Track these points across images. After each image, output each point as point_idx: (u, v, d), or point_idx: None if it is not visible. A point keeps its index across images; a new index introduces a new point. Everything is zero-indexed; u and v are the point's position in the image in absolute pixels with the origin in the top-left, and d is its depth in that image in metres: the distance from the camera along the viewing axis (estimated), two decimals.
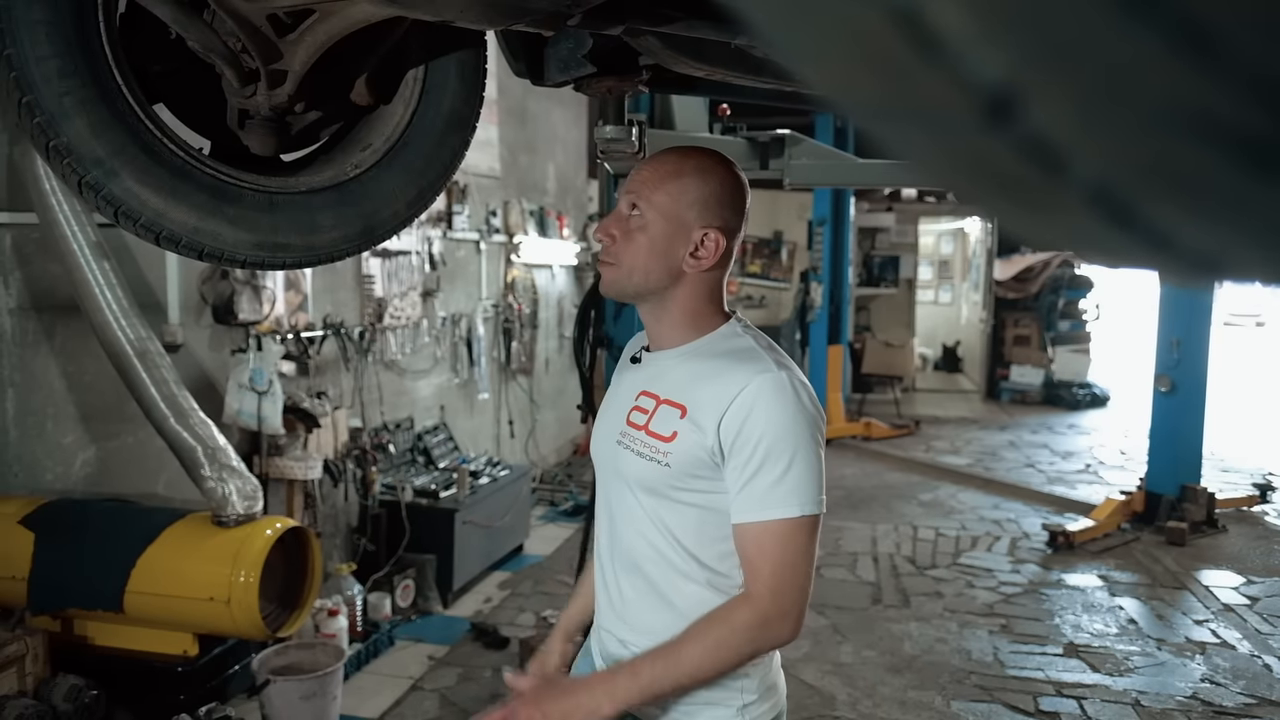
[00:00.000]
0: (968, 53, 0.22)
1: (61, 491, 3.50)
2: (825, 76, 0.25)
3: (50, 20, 1.38)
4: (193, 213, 1.50)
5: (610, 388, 1.69)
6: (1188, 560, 5.64)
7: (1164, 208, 0.25)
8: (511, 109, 6.82)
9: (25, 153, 3.17)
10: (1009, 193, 0.27)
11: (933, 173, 0.28)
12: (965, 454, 8.78)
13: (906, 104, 0.25)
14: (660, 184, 1.49)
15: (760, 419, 1.38)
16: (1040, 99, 0.22)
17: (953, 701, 3.85)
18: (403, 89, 1.78)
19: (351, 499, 4.79)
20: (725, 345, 1.49)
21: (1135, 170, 0.24)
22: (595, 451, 1.64)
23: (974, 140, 0.25)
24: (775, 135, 3.49)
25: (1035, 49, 0.21)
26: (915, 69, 0.23)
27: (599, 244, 1.53)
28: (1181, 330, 6.32)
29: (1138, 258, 0.30)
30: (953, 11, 0.21)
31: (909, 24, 0.22)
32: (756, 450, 1.37)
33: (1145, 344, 6.80)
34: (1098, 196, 0.25)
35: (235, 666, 3.50)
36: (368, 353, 4.97)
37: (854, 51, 0.24)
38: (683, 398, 1.46)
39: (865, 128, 0.27)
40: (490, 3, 1.35)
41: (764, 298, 10.82)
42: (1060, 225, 0.28)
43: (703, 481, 1.44)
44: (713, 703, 1.48)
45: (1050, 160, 0.24)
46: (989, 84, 0.22)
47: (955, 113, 0.24)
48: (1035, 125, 0.23)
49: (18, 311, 3.38)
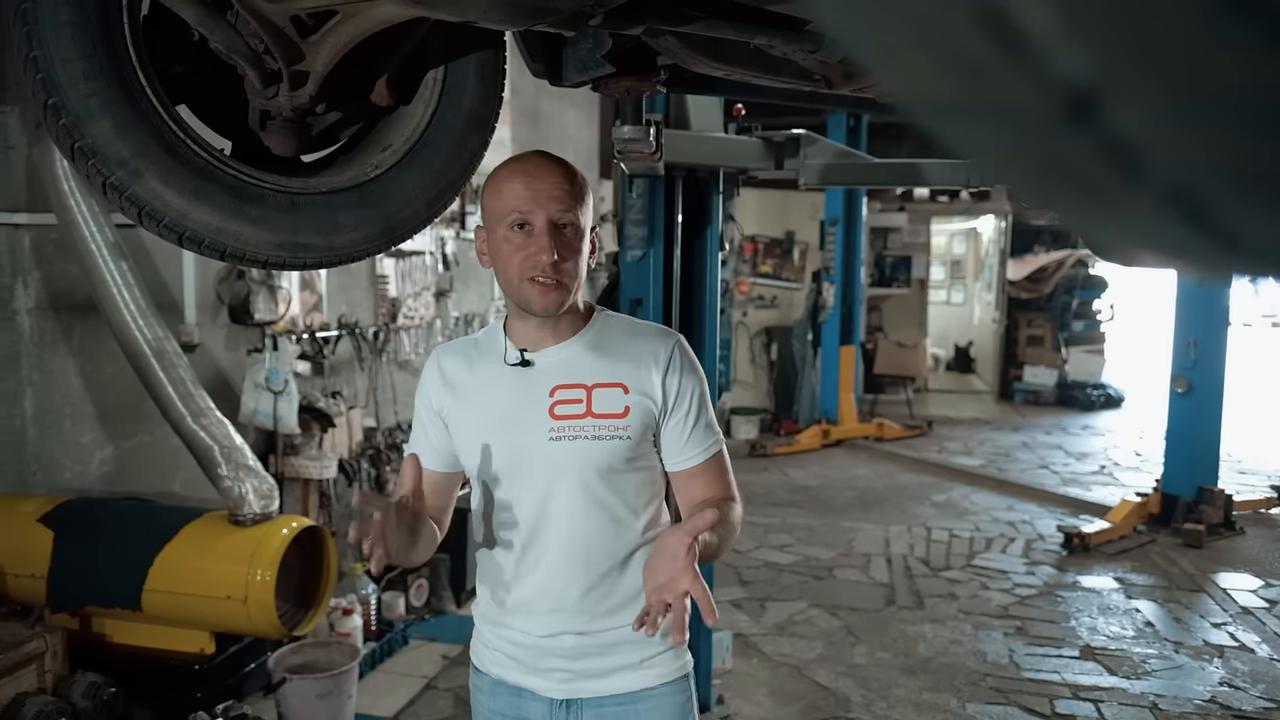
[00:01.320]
0: (1052, 51, 0.22)
1: (79, 490, 3.52)
2: (900, 76, 0.25)
3: (76, 22, 1.38)
4: (215, 213, 1.50)
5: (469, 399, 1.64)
6: (1205, 563, 5.61)
7: (1239, 207, 0.24)
8: (524, 109, 6.83)
9: (44, 154, 3.19)
10: (1082, 193, 0.27)
11: (1003, 173, 0.27)
12: (978, 455, 8.75)
13: (983, 103, 0.25)
14: (579, 196, 1.57)
15: (690, 377, 1.62)
16: (1124, 99, 0.22)
17: (968, 704, 3.84)
18: (423, 89, 1.79)
19: None
20: (615, 324, 1.68)
21: (1214, 170, 0.24)
22: (508, 459, 1.59)
23: (1050, 140, 0.24)
24: (790, 135, 3.49)
25: (1125, 49, 0.21)
26: (996, 68, 0.23)
27: (544, 267, 1.51)
28: (1199, 331, 6.28)
29: (1206, 258, 0.30)
30: (1040, 10, 0.21)
31: (994, 22, 0.22)
32: (692, 399, 1.62)
33: (1161, 345, 6.77)
34: (1174, 197, 0.25)
35: (251, 665, 3.51)
36: (382, 353, 4.99)
37: (934, 50, 0.24)
38: (617, 377, 1.59)
39: (933, 128, 0.27)
40: (513, 3, 1.35)
41: (776, 298, 10.80)
42: (1131, 226, 0.28)
43: (646, 444, 1.61)
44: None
45: (1128, 160, 0.24)
46: (1072, 83, 0.22)
47: (1034, 112, 0.23)
48: (1115, 125, 0.23)
49: (36, 311, 3.40)
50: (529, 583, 1.62)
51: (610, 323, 1.67)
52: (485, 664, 1.72)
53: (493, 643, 1.69)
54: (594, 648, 1.61)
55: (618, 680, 1.62)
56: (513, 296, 1.59)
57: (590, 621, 1.60)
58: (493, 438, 1.61)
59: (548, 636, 1.61)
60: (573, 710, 1.63)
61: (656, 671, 1.64)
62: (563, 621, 1.60)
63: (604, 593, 1.60)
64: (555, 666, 1.62)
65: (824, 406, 9.35)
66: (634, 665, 1.63)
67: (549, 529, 1.59)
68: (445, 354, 1.72)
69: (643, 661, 1.63)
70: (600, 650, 1.61)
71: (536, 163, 1.59)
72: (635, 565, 1.60)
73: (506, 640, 1.66)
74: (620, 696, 1.62)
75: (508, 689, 1.68)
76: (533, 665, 1.64)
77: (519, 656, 1.65)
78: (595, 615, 1.60)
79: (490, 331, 1.70)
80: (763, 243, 10.64)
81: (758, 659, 4.26)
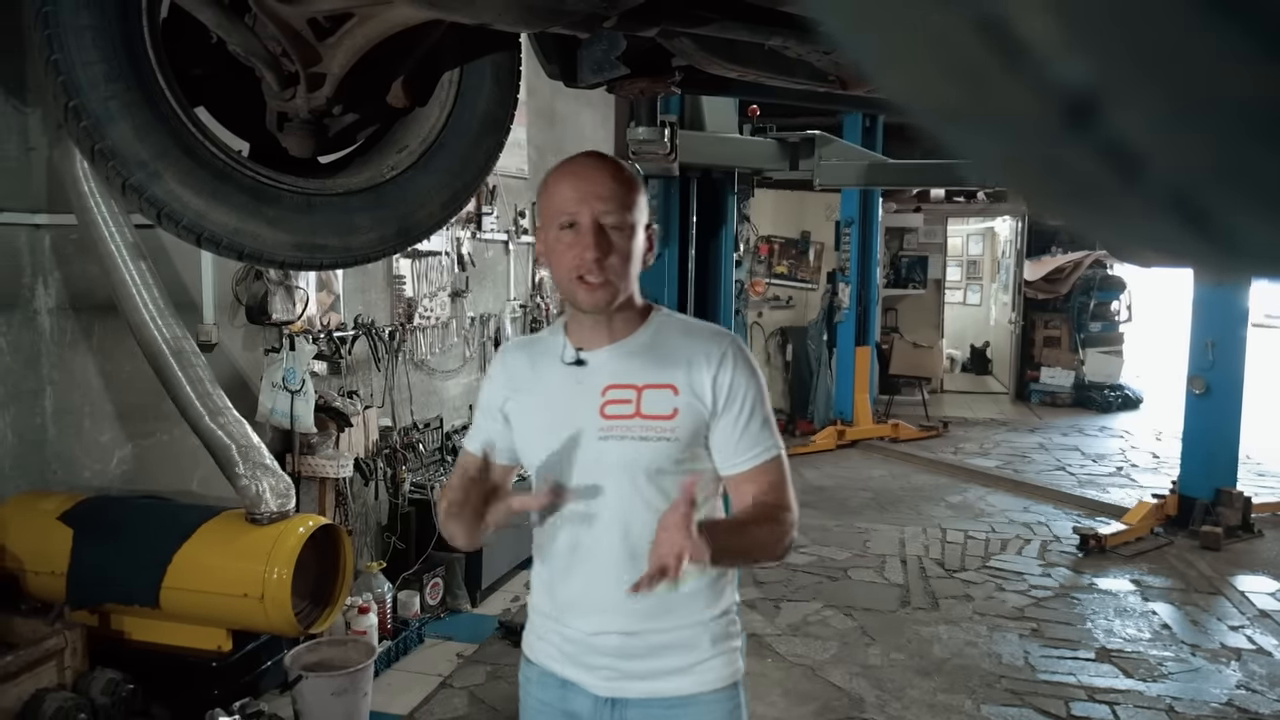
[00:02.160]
0: (1052, 59, 0.22)
1: (99, 489, 3.56)
2: (902, 82, 0.26)
3: (96, 26, 1.40)
4: (233, 214, 1.52)
5: (528, 397, 1.67)
6: (1223, 565, 5.57)
7: (1240, 211, 0.25)
8: (540, 110, 6.84)
9: (65, 155, 3.22)
10: (1084, 198, 0.27)
11: (1006, 177, 0.28)
12: (994, 456, 8.71)
13: (984, 109, 0.25)
14: (627, 195, 1.56)
15: (742, 376, 1.59)
16: (1122, 104, 0.23)
17: (983, 705, 3.83)
18: (438, 91, 1.80)
19: (382, 497, 4.82)
20: (672, 324, 1.66)
21: (1214, 174, 0.24)
22: (562, 459, 1.60)
23: (1050, 146, 0.25)
24: (805, 136, 3.49)
25: (1121, 54, 0.22)
26: (996, 75, 0.23)
27: (590, 265, 1.52)
28: (1216, 331, 6.23)
29: (1210, 261, 0.30)
30: (1039, 18, 0.21)
31: (993, 31, 0.22)
32: (745, 402, 1.59)
33: (1179, 346, 6.72)
34: (1175, 201, 0.25)
35: (268, 662, 3.53)
36: (398, 353, 5.01)
37: (935, 57, 0.24)
38: (668, 379, 1.58)
39: (938, 133, 0.28)
40: (528, 5, 1.36)
41: (791, 298, 10.78)
42: (1134, 229, 0.28)
43: (698, 448, 1.60)
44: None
45: (1127, 165, 0.24)
46: (1070, 90, 0.23)
47: (1033, 118, 0.24)
48: (1114, 130, 0.23)
49: (56, 311, 3.43)
50: (577, 579, 1.63)
51: (667, 323, 1.66)
52: (536, 655, 1.73)
53: (544, 634, 1.70)
54: (641, 649, 1.60)
55: (665, 683, 1.61)
56: (565, 295, 1.61)
57: (637, 622, 1.59)
58: (547, 435, 1.62)
59: (594, 634, 1.61)
60: (617, 709, 1.63)
61: (705, 677, 1.62)
62: (609, 620, 1.60)
63: (651, 594, 1.54)
64: (602, 664, 1.62)
65: (839, 407, 9.33)
66: (682, 669, 1.61)
67: (597, 527, 1.59)
68: (511, 351, 1.77)
69: (691, 666, 1.61)
70: (647, 651, 1.61)
71: (585, 164, 1.60)
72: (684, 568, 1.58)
73: (557, 634, 1.67)
74: (667, 700, 1.61)
75: (555, 681, 1.68)
76: (580, 660, 1.64)
77: (568, 650, 1.65)
78: (642, 616, 1.59)
79: (554, 329, 1.71)
80: (778, 243, 10.63)
81: (772, 659, 4.25)
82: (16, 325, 3.32)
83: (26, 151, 3.35)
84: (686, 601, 1.60)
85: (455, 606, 4.74)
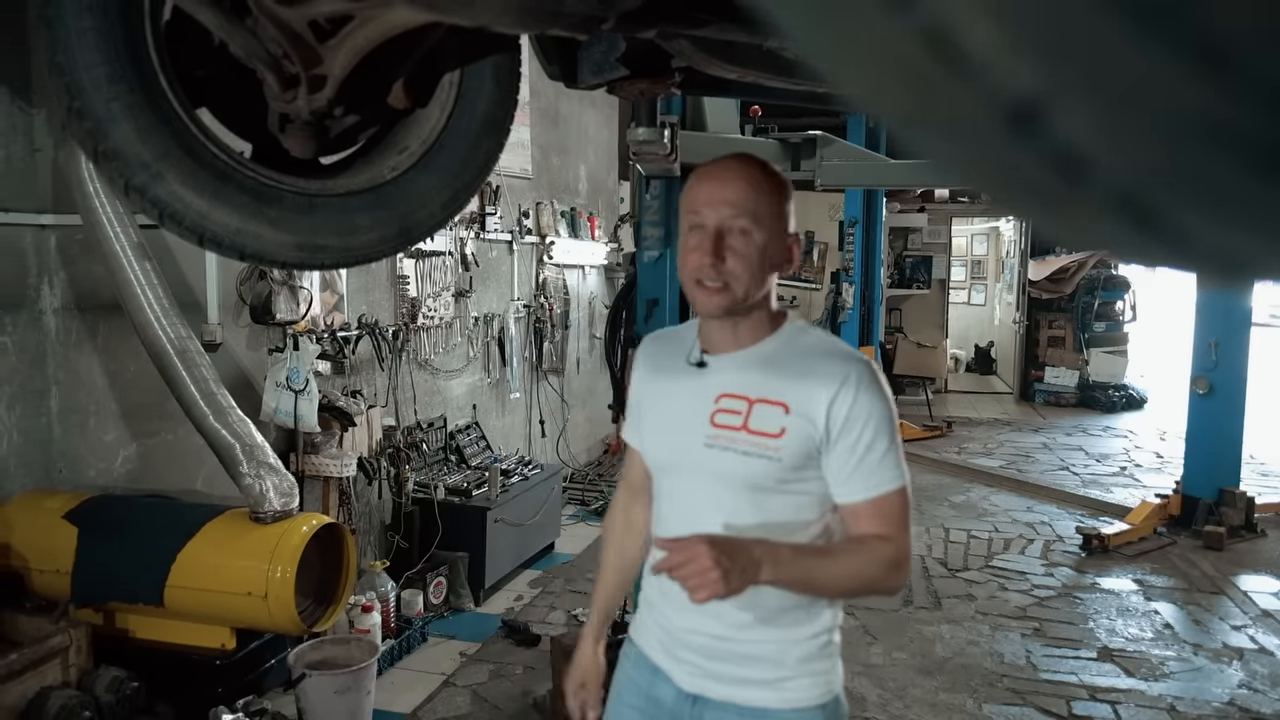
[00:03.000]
0: (993, 67, 0.23)
1: (103, 487, 3.58)
2: (860, 89, 0.27)
3: (98, 28, 1.41)
4: (235, 214, 1.53)
5: (655, 391, 1.70)
6: (1225, 565, 5.56)
7: (1185, 211, 0.26)
8: (544, 110, 6.86)
9: (70, 156, 3.24)
10: (1037, 198, 0.28)
11: (965, 178, 0.29)
12: (998, 456, 8.71)
13: (936, 115, 0.26)
14: (759, 202, 1.53)
15: (865, 403, 1.50)
16: (1062, 111, 0.24)
17: (984, 704, 3.83)
18: (439, 93, 1.81)
19: (385, 497, 4.84)
20: (804, 340, 1.60)
21: (1156, 177, 0.25)
22: (669, 457, 1.65)
23: (1000, 149, 0.26)
24: (807, 136, 3.50)
25: (1057, 64, 0.23)
26: (944, 82, 0.24)
27: (706, 269, 1.51)
28: (1220, 332, 6.23)
29: (1166, 259, 0.31)
30: (980, 29, 0.23)
31: (939, 41, 0.23)
32: (865, 430, 1.50)
33: (1184, 346, 6.72)
34: (1122, 202, 0.26)
35: (272, 660, 3.55)
36: (401, 352, 5.02)
37: (886, 66, 0.25)
38: (781, 395, 1.53)
39: (901, 134, 0.29)
40: (525, 7, 1.37)
41: (794, 298, 10.77)
42: (1088, 229, 0.29)
43: (807, 471, 1.54)
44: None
45: (1074, 168, 0.25)
46: (1013, 97, 0.24)
47: (982, 124, 0.25)
48: (1058, 136, 0.24)
49: (62, 311, 3.45)
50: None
51: (798, 337, 1.61)
52: (640, 637, 1.77)
53: (646, 621, 1.74)
54: (728, 654, 1.61)
55: (746, 692, 1.60)
56: (687, 295, 1.60)
57: (726, 629, 1.60)
58: (663, 433, 1.66)
59: (687, 631, 1.64)
60: (698, 706, 1.64)
61: (787, 695, 1.59)
62: (699, 622, 1.61)
63: (743, 604, 1.53)
64: (689, 659, 1.65)
65: None
66: (765, 683, 1.60)
67: (694, 530, 1.53)
68: (649, 343, 1.79)
69: (774, 681, 1.59)
70: (735, 658, 1.61)
71: (725, 166, 1.57)
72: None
73: (656, 623, 1.71)
74: (744, 709, 1.60)
75: (648, 665, 1.72)
76: (672, 652, 1.67)
77: (664, 640, 1.69)
78: (732, 625, 1.59)
79: (691, 326, 1.71)
80: None
81: None
82: (22, 325, 3.34)
83: (32, 152, 3.36)
84: (777, 616, 1.58)
85: (458, 605, 4.75)
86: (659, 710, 1.69)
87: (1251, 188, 0.23)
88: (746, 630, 1.59)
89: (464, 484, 5.01)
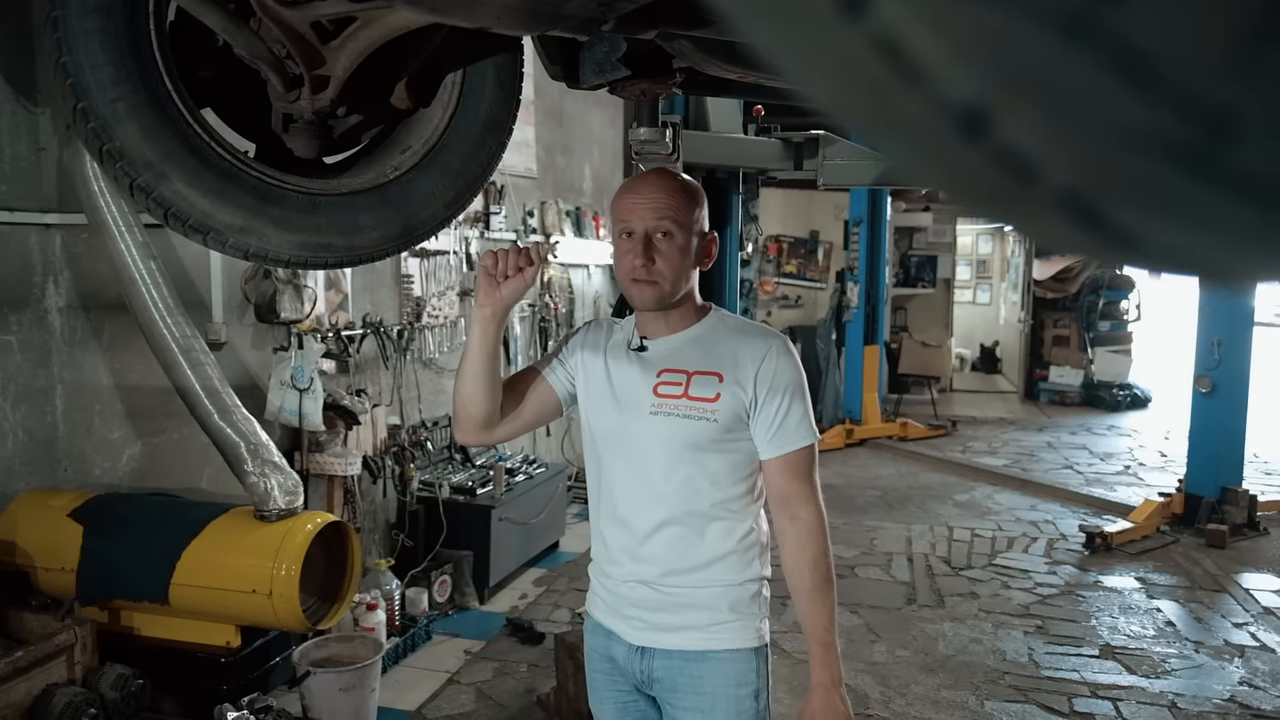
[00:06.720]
0: (941, 75, 0.25)
1: (109, 486, 3.59)
2: (818, 96, 0.28)
3: (104, 29, 1.43)
4: (239, 214, 1.55)
5: (598, 371, 1.90)
6: (1228, 563, 5.57)
7: (1123, 211, 0.27)
8: (548, 110, 6.87)
9: (75, 155, 3.25)
10: (993, 200, 0.29)
11: (922, 178, 0.30)
12: (1002, 455, 8.71)
13: (891, 121, 0.28)
14: (678, 207, 1.77)
15: (785, 372, 1.79)
16: (1006, 116, 0.25)
17: (986, 701, 3.84)
18: (441, 93, 1.82)
19: (390, 495, 4.86)
20: (728, 322, 1.88)
21: (1096, 179, 0.26)
22: (615, 426, 1.86)
23: (952, 153, 0.27)
24: (810, 136, 3.51)
25: (998, 72, 0.24)
26: (896, 90, 0.26)
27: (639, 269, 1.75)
28: (1222, 331, 6.23)
29: (1120, 257, 0.32)
30: (928, 40, 0.24)
31: (889, 51, 0.25)
32: (784, 396, 1.78)
33: (1187, 345, 6.72)
34: (1067, 202, 0.27)
35: (276, 658, 3.56)
36: (406, 351, 5.04)
37: (841, 75, 0.27)
38: (716, 366, 1.79)
39: (862, 137, 0.30)
40: (525, 9, 1.38)
41: (799, 298, 10.80)
42: (1039, 229, 0.30)
43: (737, 432, 1.79)
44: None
45: (1022, 170, 0.27)
46: (960, 103, 0.25)
47: (933, 129, 0.26)
48: (1004, 140, 0.26)
49: (67, 310, 3.47)
50: (617, 533, 1.86)
51: (722, 322, 1.88)
52: (593, 608, 1.97)
53: (596, 588, 1.95)
54: (666, 603, 1.81)
55: (686, 637, 1.81)
56: (624, 292, 1.84)
57: (662, 576, 1.81)
58: (608, 406, 1.87)
59: (626, 583, 1.84)
60: (646, 657, 1.84)
61: (722, 637, 1.80)
62: (638, 572, 1.82)
63: (678, 553, 1.79)
64: (634, 615, 1.85)
65: (848, 406, 9.34)
66: (702, 627, 1.80)
67: (638, 489, 1.82)
68: (597, 323, 2.02)
69: (709, 625, 1.80)
70: (671, 607, 1.81)
71: (644, 180, 1.82)
72: (712, 535, 1.80)
73: (603, 585, 1.92)
74: (685, 653, 1.81)
75: (603, 630, 1.92)
76: (619, 611, 1.88)
77: (610, 601, 1.90)
78: (668, 572, 1.80)
79: (630, 320, 1.94)
80: (787, 242, 10.64)
81: (778, 656, 4.27)
82: (27, 324, 3.36)
83: (37, 151, 3.38)
84: (710, 564, 1.80)
85: (463, 604, 4.77)
86: (614, 667, 1.90)
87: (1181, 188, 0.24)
88: (682, 576, 1.80)
89: (468, 482, 5.03)
